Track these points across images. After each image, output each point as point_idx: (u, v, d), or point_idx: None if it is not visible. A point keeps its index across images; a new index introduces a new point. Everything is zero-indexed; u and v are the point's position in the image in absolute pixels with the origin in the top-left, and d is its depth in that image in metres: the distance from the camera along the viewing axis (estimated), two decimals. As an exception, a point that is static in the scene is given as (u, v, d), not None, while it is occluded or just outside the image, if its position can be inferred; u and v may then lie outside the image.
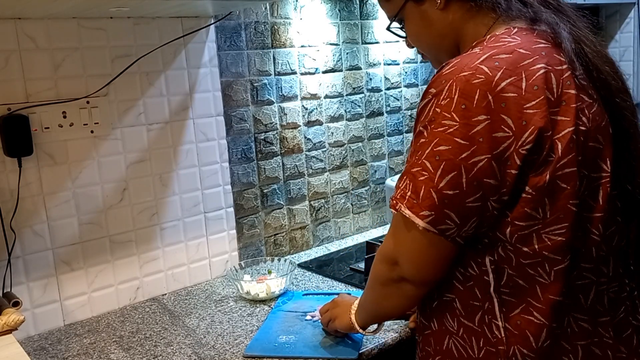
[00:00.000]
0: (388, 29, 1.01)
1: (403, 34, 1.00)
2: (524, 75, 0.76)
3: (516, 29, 0.83)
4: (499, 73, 0.76)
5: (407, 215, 0.79)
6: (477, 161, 0.75)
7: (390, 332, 1.26)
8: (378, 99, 2.04)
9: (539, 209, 0.77)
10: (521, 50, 0.78)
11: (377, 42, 2.00)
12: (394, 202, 0.82)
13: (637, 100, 2.78)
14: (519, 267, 0.80)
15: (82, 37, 1.39)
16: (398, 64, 2.08)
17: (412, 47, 1.02)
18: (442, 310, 0.89)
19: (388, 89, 2.06)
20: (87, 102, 1.41)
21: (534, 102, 0.75)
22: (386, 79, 2.05)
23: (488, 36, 0.85)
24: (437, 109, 0.78)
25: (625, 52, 2.79)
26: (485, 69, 0.76)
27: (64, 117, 1.38)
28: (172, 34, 1.52)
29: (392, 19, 0.98)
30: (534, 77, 0.76)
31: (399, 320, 1.31)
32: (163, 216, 1.57)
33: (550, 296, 0.80)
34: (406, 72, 2.11)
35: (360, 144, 2.01)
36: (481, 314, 0.84)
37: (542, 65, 0.77)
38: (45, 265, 1.40)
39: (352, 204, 2.01)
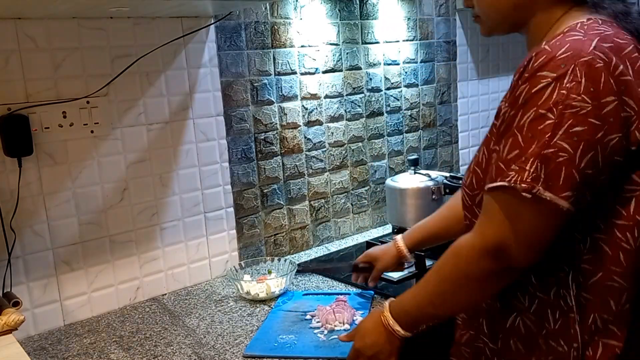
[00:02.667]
0: None
1: None
2: (628, 63, 0.81)
3: (601, 21, 0.87)
4: (614, 59, 0.80)
5: (549, 198, 0.78)
6: (610, 139, 0.78)
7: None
8: (378, 99, 2.04)
9: None
10: (619, 40, 0.83)
11: (377, 42, 2.00)
12: (526, 186, 0.78)
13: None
14: (608, 229, 0.84)
15: (82, 37, 1.39)
16: (398, 64, 2.08)
17: (470, 7, 1.00)
18: (510, 287, 0.89)
19: (388, 89, 2.06)
20: (87, 102, 1.41)
21: None
22: (386, 79, 2.05)
23: (575, 25, 0.86)
24: (563, 92, 0.78)
25: (625, 52, 2.79)
26: (602, 55, 0.79)
27: (64, 117, 1.38)
28: (172, 34, 1.52)
29: None
30: (637, 65, 0.82)
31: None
32: (163, 216, 1.57)
33: (633, 261, 0.84)
34: (406, 72, 2.11)
35: (360, 144, 2.01)
36: (556, 288, 0.86)
37: (637, 54, 0.83)
38: (45, 265, 1.40)
39: (352, 204, 2.01)
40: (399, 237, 1.34)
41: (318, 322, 1.30)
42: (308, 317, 1.34)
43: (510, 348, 0.91)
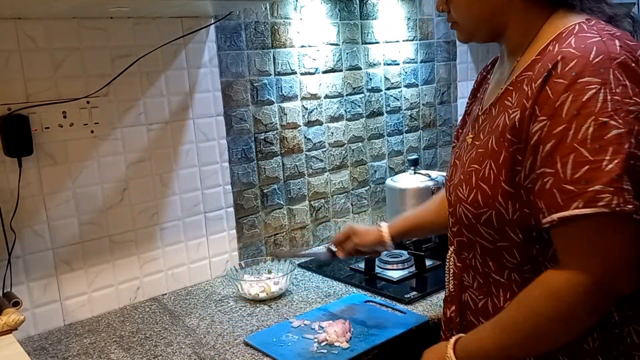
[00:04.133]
0: None
1: None
2: None
3: (598, 22, 0.84)
4: (637, 56, 0.78)
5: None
6: None
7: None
8: (378, 99, 2.04)
9: None
10: (627, 41, 0.80)
11: (377, 42, 2.00)
12: (632, 207, 0.71)
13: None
14: None
15: (82, 37, 1.39)
16: (398, 64, 2.08)
17: (443, 11, 0.97)
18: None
19: (388, 89, 2.06)
20: (87, 102, 1.41)
21: None
22: (386, 79, 2.05)
23: (573, 27, 0.82)
24: (616, 97, 0.74)
25: (625, 52, 2.78)
26: (628, 54, 0.77)
27: (64, 117, 1.38)
28: (172, 34, 1.52)
29: None
30: None
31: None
32: (163, 216, 1.57)
33: None
34: (406, 72, 2.11)
35: (360, 144, 2.01)
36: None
37: None
38: (45, 265, 1.40)
39: (352, 204, 2.01)
40: (383, 223, 1.33)
41: (326, 333, 1.26)
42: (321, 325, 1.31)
43: None
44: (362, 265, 1.65)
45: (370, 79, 2.00)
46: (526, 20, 0.88)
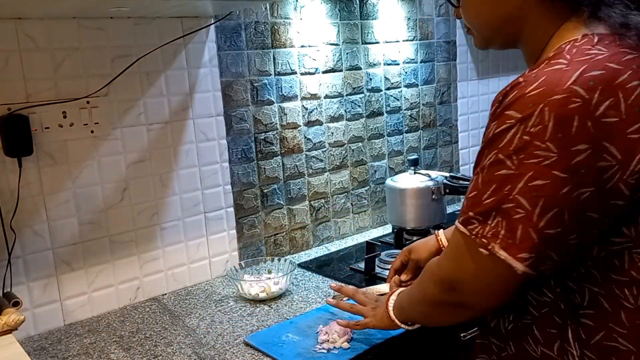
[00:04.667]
0: None
1: (455, 2, 0.91)
2: (621, 96, 0.68)
3: (597, 38, 0.74)
4: (596, 95, 0.67)
5: (503, 258, 0.72)
6: (580, 194, 0.68)
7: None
8: (378, 99, 2.04)
9: (632, 228, 0.73)
10: (613, 65, 0.69)
11: (377, 42, 2.00)
12: (485, 241, 0.73)
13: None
14: (606, 283, 0.75)
15: (82, 37, 1.39)
16: (398, 64, 2.08)
17: (460, 18, 0.91)
18: (520, 334, 0.84)
19: (388, 89, 2.06)
20: (87, 102, 1.41)
21: (636, 126, 0.68)
22: (386, 79, 2.05)
23: (565, 45, 0.75)
24: (525, 137, 0.69)
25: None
26: (581, 91, 0.67)
27: (64, 117, 1.38)
28: (172, 34, 1.52)
29: None
30: (632, 97, 0.68)
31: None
32: (163, 216, 1.57)
33: (638, 322, 0.74)
34: (406, 72, 2.11)
35: (360, 144, 2.01)
36: (559, 342, 0.79)
37: (638, 82, 0.69)
38: (45, 265, 1.40)
39: (352, 204, 2.01)
40: (440, 230, 1.31)
41: (326, 333, 1.25)
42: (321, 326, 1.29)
43: None
44: (362, 265, 1.65)
45: (370, 79, 2.00)
46: (539, 28, 0.81)
